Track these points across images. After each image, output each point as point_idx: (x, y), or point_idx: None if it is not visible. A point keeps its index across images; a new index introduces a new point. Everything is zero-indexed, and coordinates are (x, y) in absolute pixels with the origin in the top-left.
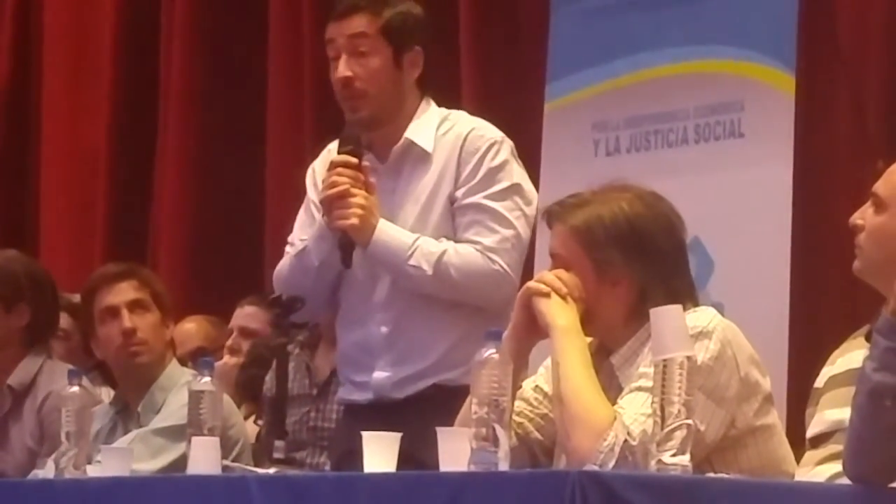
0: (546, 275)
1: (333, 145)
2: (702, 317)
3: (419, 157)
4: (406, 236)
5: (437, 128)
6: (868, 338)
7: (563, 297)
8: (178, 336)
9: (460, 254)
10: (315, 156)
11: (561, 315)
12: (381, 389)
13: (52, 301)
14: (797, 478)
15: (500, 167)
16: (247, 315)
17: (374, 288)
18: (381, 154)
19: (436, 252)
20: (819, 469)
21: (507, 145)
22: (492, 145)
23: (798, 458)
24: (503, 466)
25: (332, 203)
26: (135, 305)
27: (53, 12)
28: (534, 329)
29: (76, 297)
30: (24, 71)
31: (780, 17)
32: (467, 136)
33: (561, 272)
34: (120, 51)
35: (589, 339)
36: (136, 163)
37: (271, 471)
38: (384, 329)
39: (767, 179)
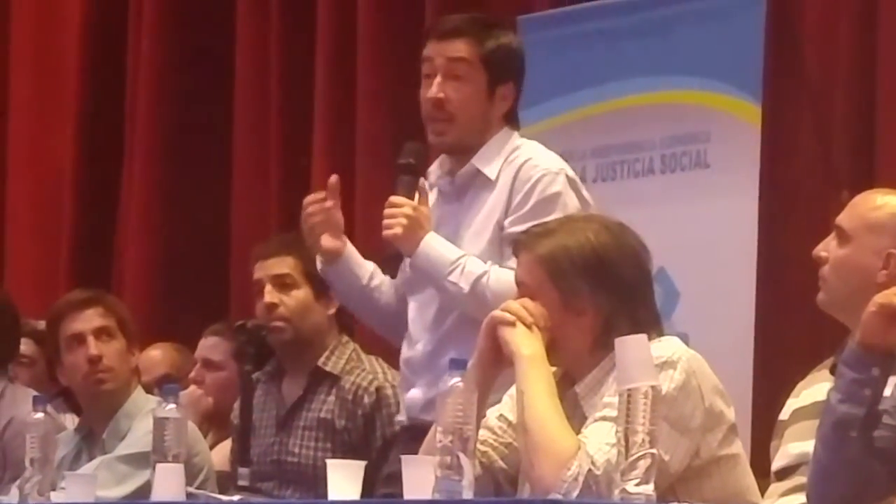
0: (511, 304)
1: None
2: (666, 347)
3: (483, 184)
4: (452, 253)
5: (506, 157)
6: (833, 370)
7: (529, 326)
8: (143, 363)
9: (500, 279)
10: (279, 179)
11: (526, 344)
12: (411, 409)
13: (13, 326)
14: None
15: (552, 199)
16: (209, 346)
17: (428, 309)
18: (453, 178)
19: (476, 272)
20: (783, 500)
21: (563, 177)
22: (544, 176)
23: (762, 490)
24: (467, 495)
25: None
26: (101, 332)
27: (19, 26)
28: (499, 358)
29: (41, 324)
30: None
31: (746, 47)
32: (522, 165)
33: (526, 301)
34: (86, 70)
35: (553, 369)
36: (102, 188)
37: (235, 498)
38: (428, 347)
39: (733, 210)
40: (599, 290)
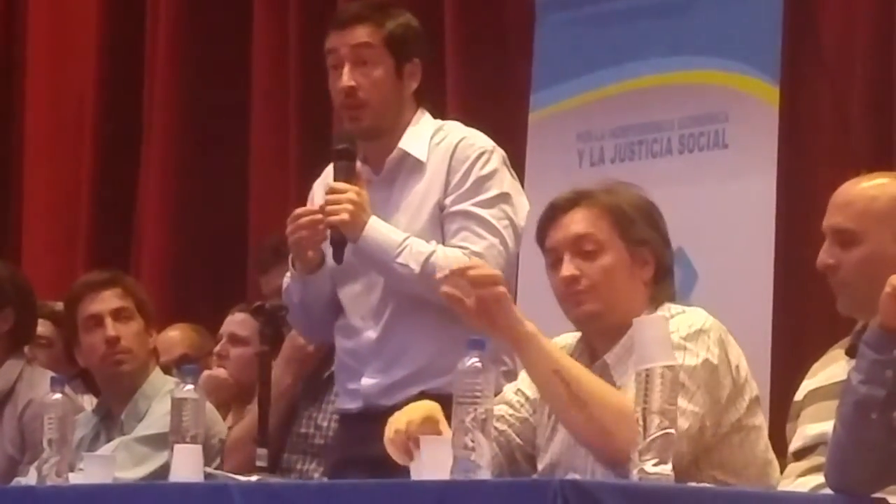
0: (461, 265)
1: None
2: (696, 317)
3: (413, 166)
4: (397, 235)
5: (430, 138)
6: (849, 351)
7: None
8: (161, 344)
9: (448, 256)
10: (298, 162)
11: (523, 320)
12: (369, 397)
13: (32, 307)
14: (780, 489)
15: (489, 176)
16: (237, 322)
17: (369, 297)
18: (376, 165)
19: (424, 252)
20: (802, 480)
21: (498, 155)
22: (481, 154)
23: (780, 470)
24: (485, 475)
25: (326, 204)
26: (118, 314)
27: (37, 12)
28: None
29: (59, 305)
30: (6, 76)
31: (764, 28)
32: (457, 144)
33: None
34: (103, 54)
35: (563, 345)
36: (120, 170)
37: (253, 478)
38: (373, 335)
39: (751, 190)
40: (659, 237)
